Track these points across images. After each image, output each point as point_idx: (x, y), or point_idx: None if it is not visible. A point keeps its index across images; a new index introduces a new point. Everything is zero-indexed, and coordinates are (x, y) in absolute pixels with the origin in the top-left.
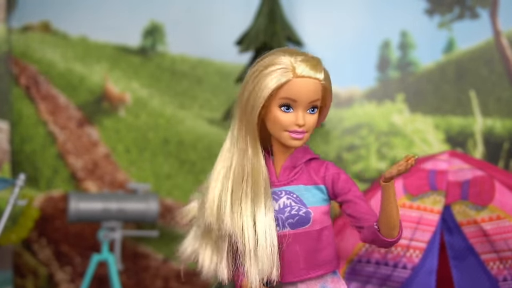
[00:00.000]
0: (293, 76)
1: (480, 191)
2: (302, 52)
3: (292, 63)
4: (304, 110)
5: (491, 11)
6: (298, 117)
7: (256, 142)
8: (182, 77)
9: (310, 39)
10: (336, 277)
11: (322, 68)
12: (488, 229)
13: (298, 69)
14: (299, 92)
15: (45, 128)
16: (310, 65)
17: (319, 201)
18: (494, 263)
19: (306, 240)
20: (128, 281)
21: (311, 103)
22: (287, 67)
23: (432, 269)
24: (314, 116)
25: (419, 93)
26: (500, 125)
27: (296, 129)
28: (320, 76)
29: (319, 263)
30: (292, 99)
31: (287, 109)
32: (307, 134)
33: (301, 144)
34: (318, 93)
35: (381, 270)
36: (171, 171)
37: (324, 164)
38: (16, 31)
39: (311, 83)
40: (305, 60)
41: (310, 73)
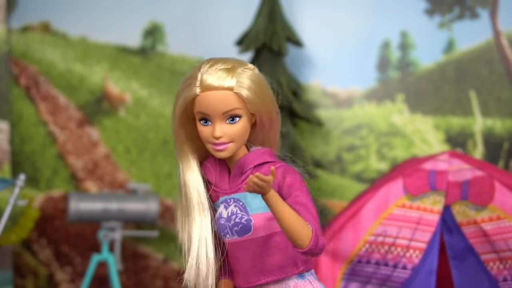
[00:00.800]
0: (201, 89)
1: (480, 191)
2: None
3: (200, 75)
4: (222, 121)
5: (491, 11)
6: (214, 129)
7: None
8: (182, 77)
9: (310, 39)
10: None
11: (236, 75)
12: (488, 229)
13: (204, 82)
14: (207, 106)
15: (45, 128)
16: (218, 74)
17: (264, 207)
18: (494, 263)
19: (251, 247)
20: (128, 281)
21: (225, 114)
22: (196, 81)
23: (432, 269)
24: (235, 125)
25: (419, 93)
26: (500, 125)
27: (215, 141)
28: (230, 84)
29: (269, 269)
30: (204, 113)
31: (205, 122)
32: (232, 144)
33: (227, 155)
34: (232, 103)
35: (381, 271)
36: (171, 171)
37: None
38: (16, 32)
39: (219, 95)
40: (211, 72)
41: (215, 84)
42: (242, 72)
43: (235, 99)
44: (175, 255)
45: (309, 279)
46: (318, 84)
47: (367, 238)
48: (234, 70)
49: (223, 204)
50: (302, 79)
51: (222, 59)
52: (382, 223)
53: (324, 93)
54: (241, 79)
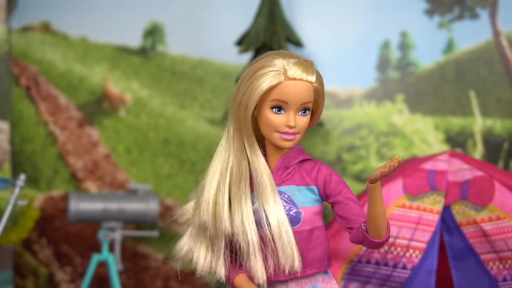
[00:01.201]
0: (285, 78)
1: (479, 191)
2: (295, 55)
3: (284, 65)
4: (296, 112)
5: (491, 11)
6: (289, 118)
7: (253, 141)
8: (182, 77)
9: (310, 39)
10: (328, 277)
11: (315, 71)
12: (488, 229)
13: (290, 71)
14: (290, 94)
15: (45, 128)
16: (302, 67)
17: (310, 201)
18: (494, 263)
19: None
20: (128, 281)
21: (302, 105)
22: (279, 69)
23: (432, 269)
24: (305, 118)
25: (419, 94)
26: (500, 126)
27: (287, 130)
28: (311, 79)
29: (309, 262)
30: (283, 101)
31: (279, 111)
32: (298, 135)
33: (292, 145)
34: (310, 95)
35: (381, 271)
36: (171, 171)
37: (317, 165)
38: (16, 32)
39: (302, 86)
40: (297, 63)
41: (301, 76)
42: (316, 70)
43: (312, 93)
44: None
45: (330, 275)
46: None
47: None
48: (312, 66)
49: None
50: None
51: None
52: None
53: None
54: (318, 76)
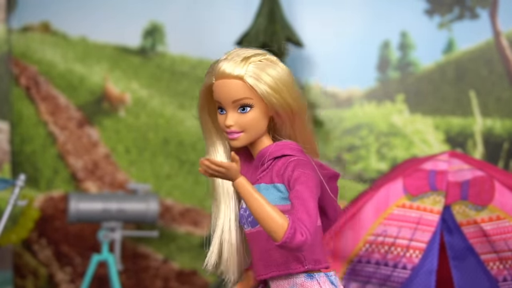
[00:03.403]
0: (215, 78)
1: (480, 191)
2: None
3: (214, 65)
4: (234, 110)
5: (491, 11)
6: (226, 117)
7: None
8: (182, 77)
9: (310, 39)
10: (309, 281)
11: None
12: (488, 229)
13: (216, 71)
14: (219, 94)
15: (45, 128)
16: (231, 63)
17: (275, 200)
18: (494, 263)
19: (259, 239)
20: (128, 281)
21: (235, 102)
22: (212, 70)
23: (432, 269)
24: (246, 115)
25: (419, 94)
26: (500, 126)
27: (227, 130)
28: (239, 73)
29: (274, 263)
30: (218, 101)
31: (221, 111)
32: (243, 134)
33: (239, 144)
34: (241, 91)
35: (381, 271)
36: (171, 172)
37: (287, 161)
38: (16, 32)
39: (229, 83)
40: (224, 61)
41: (225, 73)
42: (258, 63)
43: (245, 89)
44: (175, 255)
45: (318, 280)
46: (318, 84)
47: (367, 238)
48: (249, 59)
49: None
50: (302, 79)
51: (243, 50)
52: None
53: (324, 93)
54: (253, 69)
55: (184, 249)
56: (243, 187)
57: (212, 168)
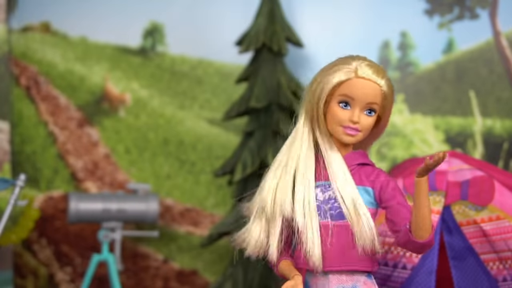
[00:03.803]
0: (355, 76)
1: (479, 191)
2: (370, 60)
3: (356, 65)
4: (361, 110)
5: (491, 11)
6: (354, 114)
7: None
8: (182, 77)
9: (309, 39)
10: (370, 280)
11: (385, 77)
12: (488, 229)
13: (360, 71)
14: (357, 91)
15: (45, 128)
16: (373, 70)
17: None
18: (494, 263)
19: (341, 233)
20: (128, 281)
21: (368, 104)
22: (351, 67)
23: (432, 269)
24: (370, 118)
25: (419, 94)
26: (500, 126)
27: (350, 125)
28: (380, 82)
29: (350, 258)
30: (350, 96)
31: (345, 106)
32: (361, 133)
33: (353, 141)
34: (377, 97)
35: (381, 271)
36: (171, 172)
37: (376, 170)
38: (16, 32)
39: (370, 86)
40: (369, 65)
41: (371, 76)
42: (387, 76)
43: (379, 96)
44: (175, 255)
45: (373, 281)
46: None
47: None
48: (383, 72)
49: (320, 187)
50: (302, 79)
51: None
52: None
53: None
54: (387, 81)
55: (184, 249)
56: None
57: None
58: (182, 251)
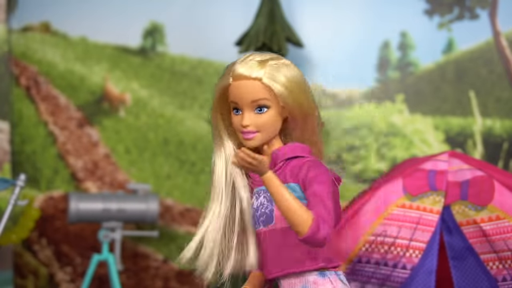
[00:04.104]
0: (233, 78)
1: (479, 191)
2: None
3: (231, 66)
4: (250, 111)
5: (491, 11)
6: (243, 117)
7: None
8: (182, 77)
9: (309, 39)
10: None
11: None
12: (488, 229)
13: (234, 71)
14: (237, 94)
15: (45, 128)
16: (249, 64)
17: None
18: (494, 263)
19: (272, 238)
20: (128, 281)
21: (253, 103)
22: (228, 71)
23: (432, 269)
24: (262, 115)
25: (419, 94)
26: (500, 126)
27: (243, 130)
28: (258, 75)
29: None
30: (234, 101)
31: (237, 112)
32: (259, 134)
33: (254, 144)
34: (259, 92)
35: (381, 271)
36: (171, 172)
37: (302, 162)
38: (16, 32)
39: (246, 84)
40: (243, 62)
41: (245, 73)
42: (274, 65)
43: (263, 90)
44: (175, 255)
45: (330, 278)
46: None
47: (367, 238)
48: (266, 62)
49: (255, 195)
50: None
51: (262, 53)
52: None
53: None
54: (271, 71)
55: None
56: (272, 181)
57: (246, 160)
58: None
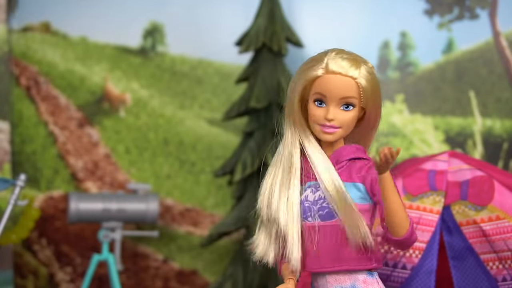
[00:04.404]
0: (325, 72)
1: (479, 191)
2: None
3: (326, 60)
4: (336, 106)
5: (491, 11)
6: (328, 111)
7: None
8: (182, 77)
9: (309, 39)
10: (371, 278)
11: (361, 67)
12: (488, 229)
13: (330, 65)
14: (328, 88)
15: (45, 128)
16: (344, 62)
17: (355, 198)
18: (494, 263)
19: (332, 233)
20: (128, 281)
21: (342, 99)
22: (321, 63)
23: (432, 269)
24: (348, 113)
25: (419, 94)
26: (500, 126)
27: (326, 123)
28: (354, 74)
29: (344, 258)
30: (322, 94)
31: (320, 104)
32: (341, 129)
33: (333, 138)
34: (351, 90)
35: (381, 271)
36: (171, 172)
37: (368, 164)
38: (17, 32)
39: (341, 80)
40: (340, 58)
41: (340, 70)
42: (364, 66)
43: (354, 89)
44: (175, 255)
45: (376, 278)
46: None
47: None
48: (358, 62)
49: (311, 188)
50: None
51: (351, 53)
52: None
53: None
54: (363, 72)
55: (184, 249)
56: (389, 180)
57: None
58: (182, 251)
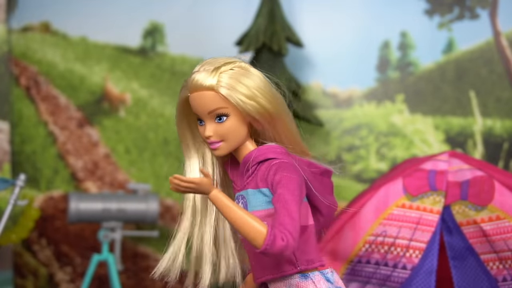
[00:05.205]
0: (189, 90)
1: (479, 191)
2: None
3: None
4: (211, 121)
5: (491, 11)
6: (205, 128)
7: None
8: (182, 77)
9: (309, 39)
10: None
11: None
12: (488, 229)
13: (191, 83)
14: (195, 106)
15: (45, 128)
16: (201, 75)
17: (262, 204)
18: (494, 263)
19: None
20: (128, 281)
21: (211, 113)
22: (187, 81)
23: (432, 269)
24: (223, 124)
25: (419, 94)
26: (500, 126)
27: (207, 141)
28: (210, 84)
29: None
30: (196, 113)
31: (201, 123)
32: (223, 143)
33: (220, 153)
34: (214, 102)
35: (381, 271)
36: (171, 172)
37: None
38: (16, 32)
39: (202, 95)
40: (198, 72)
41: (197, 85)
42: (228, 71)
43: (218, 99)
44: None
45: (313, 279)
46: (318, 84)
47: (367, 238)
48: (218, 69)
49: (236, 200)
50: (302, 79)
51: (214, 59)
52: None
53: (324, 93)
54: (223, 78)
55: None
56: (217, 200)
57: (182, 185)
58: None
